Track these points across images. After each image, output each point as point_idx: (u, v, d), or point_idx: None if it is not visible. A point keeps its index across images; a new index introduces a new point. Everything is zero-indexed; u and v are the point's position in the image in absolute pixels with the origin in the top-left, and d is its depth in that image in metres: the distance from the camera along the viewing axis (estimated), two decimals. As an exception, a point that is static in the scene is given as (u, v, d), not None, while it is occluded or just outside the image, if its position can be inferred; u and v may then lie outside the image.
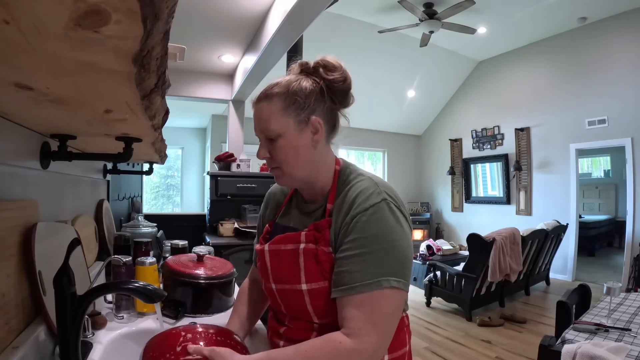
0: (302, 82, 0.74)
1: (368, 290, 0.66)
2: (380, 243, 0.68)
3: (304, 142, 0.74)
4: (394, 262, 0.68)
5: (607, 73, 4.71)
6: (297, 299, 0.75)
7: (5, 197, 0.74)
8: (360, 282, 0.66)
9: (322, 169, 0.78)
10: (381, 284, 0.66)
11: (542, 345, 1.49)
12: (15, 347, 0.65)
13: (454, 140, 7.05)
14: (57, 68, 0.40)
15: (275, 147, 0.74)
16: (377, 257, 0.67)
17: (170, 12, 0.32)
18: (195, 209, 7.68)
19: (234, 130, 4.23)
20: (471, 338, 3.17)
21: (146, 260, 1.17)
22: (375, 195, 0.71)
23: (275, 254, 0.78)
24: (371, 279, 0.66)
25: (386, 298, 0.67)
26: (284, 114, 0.73)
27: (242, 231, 2.92)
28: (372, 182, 0.74)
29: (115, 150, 0.95)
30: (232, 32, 2.93)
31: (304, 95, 0.73)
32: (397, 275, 0.67)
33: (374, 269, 0.67)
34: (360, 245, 0.68)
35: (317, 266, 0.72)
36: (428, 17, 4.43)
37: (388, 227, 0.69)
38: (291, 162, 0.74)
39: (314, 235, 0.74)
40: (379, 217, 0.69)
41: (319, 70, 0.76)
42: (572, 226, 5.00)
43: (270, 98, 0.74)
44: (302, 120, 0.73)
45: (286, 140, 0.73)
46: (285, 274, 0.76)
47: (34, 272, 0.75)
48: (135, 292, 0.70)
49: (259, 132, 0.75)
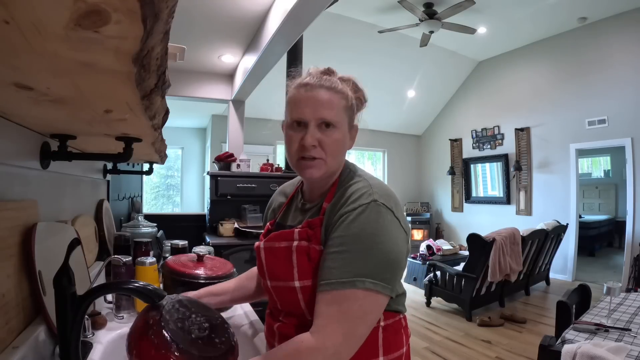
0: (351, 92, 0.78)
1: (341, 288, 0.65)
2: (362, 243, 0.67)
3: (347, 143, 0.80)
4: (375, 263, 0.67)
5: (607, 73, 4.71)
6: (290, 296, 0.76)
7: (5, 197, 0.74)
8: (336, 279, 0.66)
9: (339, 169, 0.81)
10: (355, 284, 0.65)
11: (542, 345, 1.49)
12: (15, 347, 0.65)
13: (454, 140, 7.06)
14: (57, 68, 0.40)
15: (329, 137, 0.75)
16: (357, 257, 0.67)
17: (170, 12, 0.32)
18: (195, 209, 7.68)
19: (234, 130, 4.22)
20: (471, 338, 3.17)
21: (146, 260, 1.17)
22: (366, 196, 0.71)
23: (270, 251, 0.79)
24: (347, 277, 0.66)
25: (358, 299, 0.65)
26: (344, 112, 0.76)
27: (242, 231, 2.92)
28: (367, 184, 0.75)
29: (115, 150, 0.94)
30: (232, 32, 2.93)
31: (354, 104, 0.79)
32: (375, 278, 0.66)
33: (351, 267, 0.66)
34: (341, 243, 0.68)
35: (309, 264, 0.73)
36: (428, 17, 4.43)
37: (372, 228, 0.68)
38: (337, 156, 0.77)
39: (307, 233, 0.75)
40: (364, 217, 0.69)
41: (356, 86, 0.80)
42: (572, 226, 5.00)
43: (336, 92, 0.75)
44: (350, 124, 0.79)
45: (341, 134, 0.76)
46: (279, 271, 0.77)
47: (34, 272, 0.75)
48: (135, 292, 0.70)
49: (317, 116, 0.74)
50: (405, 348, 0.81)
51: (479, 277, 3.60)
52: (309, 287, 0.73)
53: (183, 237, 1.69)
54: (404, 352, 0.80)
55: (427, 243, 5.43)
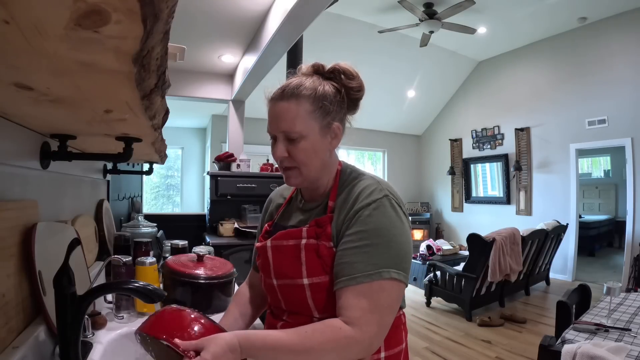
0: (326, 87, 0.75)
1: (369, 281, 0.67)
2: (382, 236, 0.70)
3: (324, 146, 0.76)
4: (395, 254, 0.69)
5: (607, 73, 4.71)
6: (298, 293, 0.76)
7: (5, 197, 0.74)
8: (361, 272, 0.68)
9: (330, 170, 0.81)
10: (382, 275, 0.68)
11: (542, 345, 1.49)
12: (15, 347, 0.65)
13: (454, 140, 7.05)
14: (57, 68, 0.40)
15: (296, 147, 0.74)
16: (379, 250, 0.69)
17: (170, 12, 0.32)
18: (195, 209, 7.68)
19: (234, 130, 4.22)
20: (471, 338, 3.17)
21: (146, 260, 1.17)
22: (378, 191, 0.73)
23: (278, 250, 0.79)
24: (372, 270, 0.68)
25: (386, 289, 0.68)
26: (311, 116, 0.73)
27: (242, 231, 2.92)
28: (374, 181, 0.77)
29: (115, 150, 0.94)
30: (232, 32, 2.93)
31: (329, 100, 0.75)
32: (397, 268, 0.69)
33: (375, 260, 0.68)
34: (362, 238, 0.70)
35: (318, 260, 0.74)
36: (428, 17, 4.43)
37: (389, 222, 0.71)
38: (310, 164, 0.76)
39: (315, 231, 0.75)
40: (381, 211, 0.71)
41: (340, 77, 0.77)
42: (572, 226, 5.00)
43: (298, 98, 0.73)
44: (326, 125, 0.75)
45: (309, 142, 0.74)
46: (287, 269, 0.77)
47: (34, 272, 0.75)
48: (135, 292, 0.70)
49: (280, 130, 0.74)
50: (404, 344, 0.82)
51: (479, 277, 3.60)
52: (317, 285, 0.74)
53: (183, 237, 1.69)
54: (403, 348, 0.81)
55: (427, 243, 5.43)
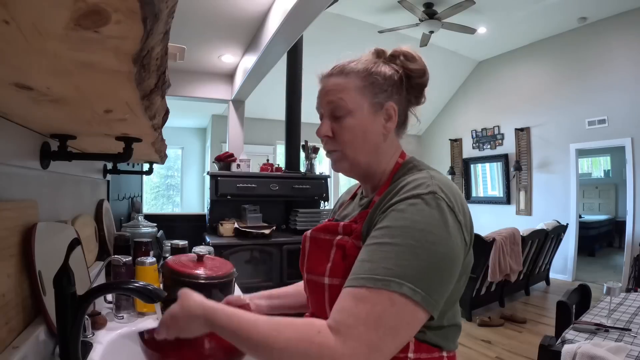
0: (381, 66, 0.70)
1: (373, 287, 0.52)
2: (409, 238, 0.54)
3: (375, 127, 0.68)
4: (420, 266, 0.53)
5: (607, 73, 4.71)
6: (318, 293, 0.68)
7: (5, 197, 0.74)
8: (368, 274, 0.54)
9: (386, 160, 0.71)
10: (389, 285, 0.52)
11: (542, 345, 1.49)
12: (15, 347, 0.65)
13: (454, 140, 7.06)
14: (57, 68, 0.40)
15: (341, 125, 0.67)
16: (400, 253, 0.54)
17: (170, 12, 0.32)
18: (195, 209, 7.68)
19: (234, 130, 4.23)
20: (471, 338, 3.17)
21: (146, 260, 1.17)
22: (425, 186, 0.59)
23: (315, 242, 0.72)
24: (382, 274, 0.53)
25: (396, 306, 0.51)
26: (360, 92, 0.67)
27: (242, 231, 2.92)
28: (427, 175, 0.62)
29: (115, 150, 0.94)
30: (232, 32, 2.93)
31: (383, 78, 0.69)
32: (416, 284, 0.52)
33: (391, 264, 0.53)
34: (385, 235, 0.56)
35: (342, 261, 0.65)
36: (428, 17, 4.43)
37: (425, 223, 0.55)
38: (357, 145, 0.67)
39: (351, 227, 0.67)
40: (418, 208, 0.57)
41: (399, 58, 0.72)
42: (572, 226, 5.00)
43: (347, 74, 0.69)
44: (378, 103, 0.68)
45: (356, 119, 0.67)
46: (315, 264, 0.70)
47: (34, 272, 0.75)
48: (135, 292, 0.70)
49: (325, 105, 0.69)
50: None
51: (479, 277, 3.60)
52: (335, 287, 0.63)
53: (183, 237, 1.68)
54: None
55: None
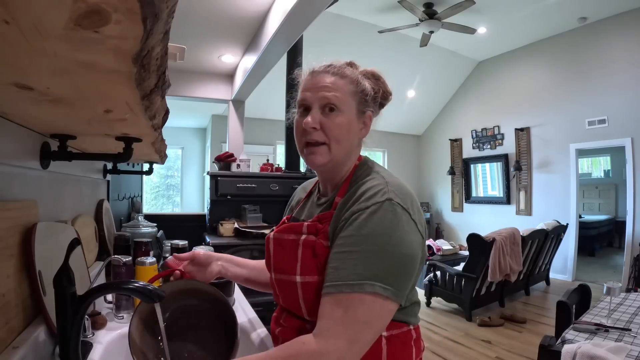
0: (365, 80, 0.78)
1: (348, 291, 0.62)
2: (374, 244, 0.63)
3: (356, 130, 0.76)
4: (386, 267, 0.63)
5: (607, 73, 4.71)
6: (291, 291, 0.73)
7: (5, 197, 0.74)
8: (343, 281, 0.63)
9: (351, 161, 0.79)
10: (364, 288, 0.61)
11: (542, 345, 1.49)
12: (15, 347, 0.65)
13: (454, 140, 7.06)
14: (57, 68, 0.40)
15: (332, 120, 0.72)
16: (367, 258, 0.63)
17: (170, 12, 0.32)
18: (195, 209, 7.68)
19: (234, 130, 4.23)
20: (471, 338, 3.17)
21: (146, 260, 1.17)
22: (381, 194, 0.67)
23: (278, 243, 0.77)
24: (355, 280, 0.62)
25: (366, 304, 0.61)
26: (351, 96, 0.74)
27: (242, 231, 2.91)
28: (382, 181, 0.70)
29: (115, 150, 0.94)
30: (232, 32, 2.93)
31: (367, 90, 0.77)
32: (385, 282, 0.62)
33: (361, 269, 0.62)
34: (352, 243, 0.64)
35: (313, 259, 0.70)
36: (428, 17, 4.43)
37: (385, 228, 0.64)
38: (342, 142, 0.74)
39: (316, 227, 0.72)
40: (378, 216, 0.64)
41: (378, 79, 0.81)
42: (572, 226, 5.00)
43: (343, 76, 0.74)
44: (361, 110, 0.76)
45: (346, 119, 0.73)
46: (283, 264, 0.75)
47: (34, 272, 0.75)
48: (135, 292, 0.70)
49: (318, 99, 0.73)
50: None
51: (479, 277, 3.60)
52: (309, 284, 0.70)
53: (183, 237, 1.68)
54: None
55: (427, 243, 5.41)
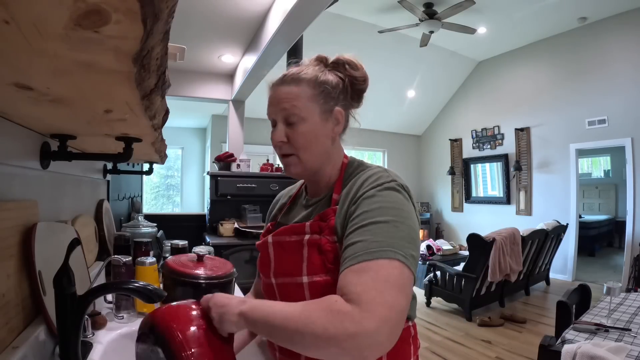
0: (328, 74, 0.75)
1: (371, 258, 0.57)
2: (387, 215, 0.62)
3: (325, 131, 0.74)
4: (402, 236, 0.60)
5: (607, 73, 4.71)
6: (296, 293, 0.71)
7: (5, 197, 0.74)
8: (362, 251, 0.58)
9: (332, 161, 0.78)
10: (387, 254, 0.57)
11: (542, 345, 1.49)
12: (15, 347, 0.65)
13: (454, 140, 7.05)
14: (57, 68, 0.40)
15: (295, 131, 0.71)
16: (383, 228, 0.61)
17: (170, 12, 0.32)
18: (195, 209, 7.68)
19: (234, 130, 4.23)
20: (471, 338, 3.17)
21: (146, 260, 1.17)
22: (385, 177, 0.69)
23: (279, 245, 0.75)
24: (376, 247, 0.58)
25: (395, 268, 0.57)
26: (311, 100, 0.72)
27: (242, 231, 2.92)
28: (382, 169, 0.73)
29: (115, 150, 0.95)
30: (232, 32, 2.93)
31: (331, 85, 0.74)
32: (404, 251, 0.59)
33: (381, 238, 0.59)
34: (365, 218, 0.63)
35: (319, 257, 0.69)
36: (428, 17, 4.43)
37: (396, 203, 0.64)
38: (310, 149, 0.73)
39: (319, 225, 0.71)
40: (386, 193, 0.66)
41: (344, 66, 0.76)
42: (572, 226, 5.00)
43: (298, 82, 0.72)
44: (327, 110, 0.73)
45: (309, 126, 0.72)
46: (287, 267, 0.73)
47: (34, 272, 0.75)
48: (135, 292, 0.70)
49: (279, 113, 0.73)
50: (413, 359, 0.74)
51: (479, 277, 3.60)
52: (316, 283, 0.68)
53: (183, 237, 1.68)
54: None
55: (427, 243, 5.43)
